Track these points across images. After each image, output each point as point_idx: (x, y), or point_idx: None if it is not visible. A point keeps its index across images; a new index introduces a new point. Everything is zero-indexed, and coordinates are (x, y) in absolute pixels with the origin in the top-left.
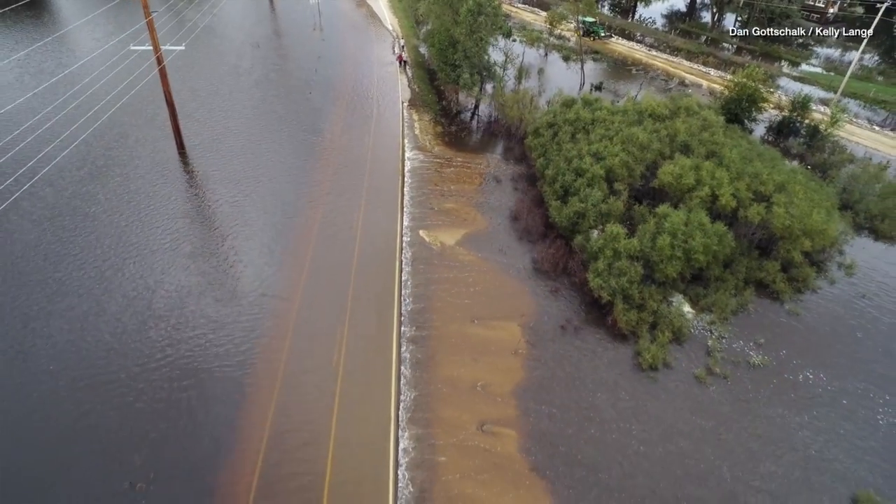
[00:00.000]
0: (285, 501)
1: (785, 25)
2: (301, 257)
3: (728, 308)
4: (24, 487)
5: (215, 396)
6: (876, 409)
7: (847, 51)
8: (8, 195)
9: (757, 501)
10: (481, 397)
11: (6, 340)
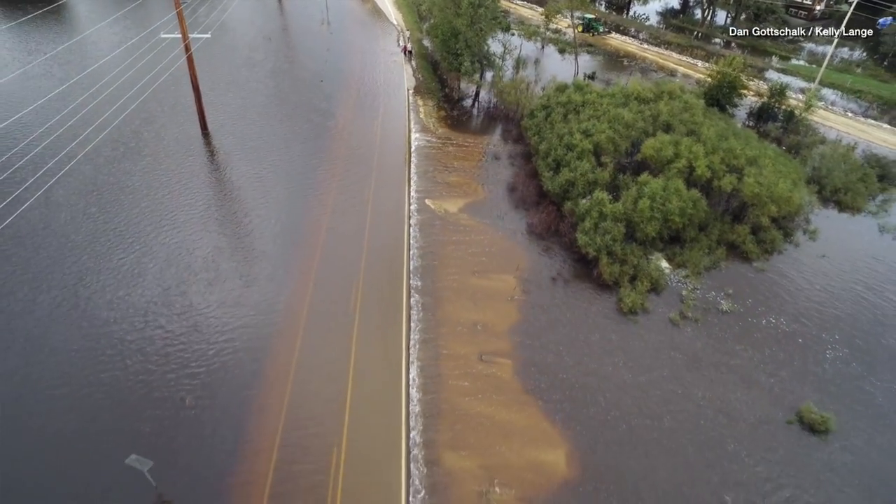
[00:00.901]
0: (312, 408)
1: (770, 22)
2: (319, 222)
3: (701, 264)
4: (87, 389)
5: (254, 324)
6: (825, 346)
7: (834, 46)
8: (54, 173)
9: (724, 417)
10: (481, 334)
11: (65, 294)
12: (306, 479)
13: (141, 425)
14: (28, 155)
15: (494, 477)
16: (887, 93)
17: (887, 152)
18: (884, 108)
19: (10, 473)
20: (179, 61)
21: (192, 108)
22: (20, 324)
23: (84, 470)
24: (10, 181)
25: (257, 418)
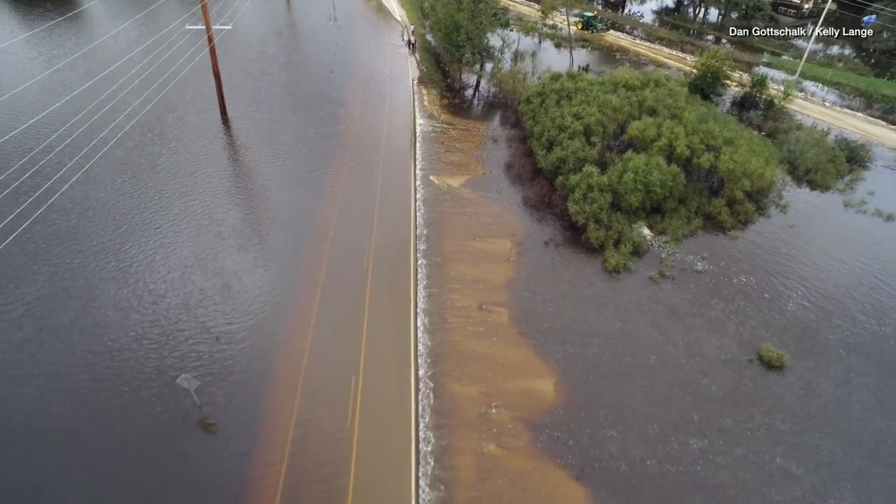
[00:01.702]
0: (332, 348)
1: (758, 19)
2: (334, 195)
3: (680, 232)
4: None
5: (279, 281)
6: (789, 300)
7: (819, 43)
8: (91, 155)
9: (698, 357)
10: (480, 288)
11: (110, 258)
12: (328, 403)
13: (184, 357)
14: (67, 140)
15: (492, 401)
16: (864, 84)
17: (857, 137)
18: (862, 99)
19: (77, 375)
20: (201, 53)
21: (210, 97)
22: (73, 283)
23: (136, 385)
24: (52, 163)
25: (283, 355)
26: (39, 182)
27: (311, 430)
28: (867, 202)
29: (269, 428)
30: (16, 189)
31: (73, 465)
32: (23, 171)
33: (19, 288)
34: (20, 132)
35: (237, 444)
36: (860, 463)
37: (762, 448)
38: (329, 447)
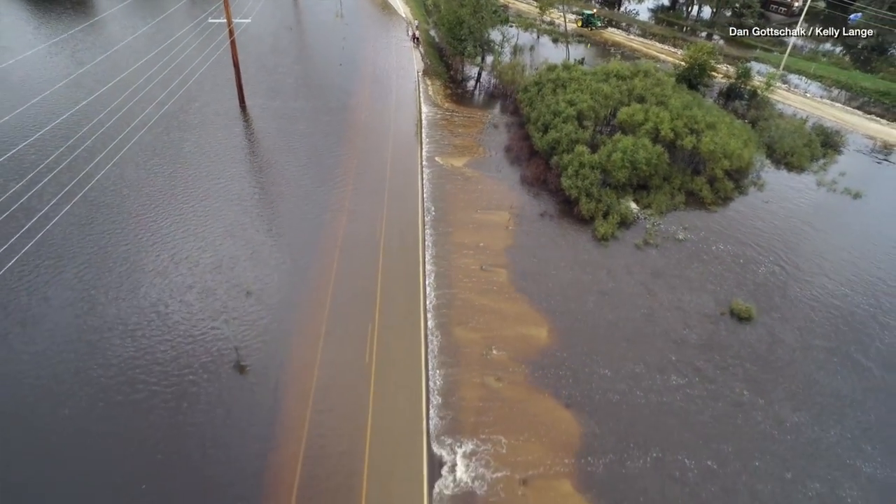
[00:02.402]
0: (350, 300)
1: (747, 16)
2: (347, 174)
3: (664, 206)
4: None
5: (301, 246)
6: (760, 265)
7: (811, 40)
8: (127, 140)
9: (678, 311)
10: (482, 252)
11: (149, 232)
12: (348, 349)
13: (217, 312)
14: (103, 127)
15: (492, 344)
16: (844, 77)
17: (834, 125)
18: (842, 91)
19: (116, 329)
20: (221, 47)
21: (227, 87)
22: (117, 249)
23: (176, 334)
24: (91, 148)
25: (308, 305)
26: (80, 166)
27: (333, 369)
28: (838, 182)
29: (296, 368)
30: (59, 172)
31: (140, 370)
32: (63, 157)
33: (71, 255)
34: (60, 122)
35: (268, 382)
36: (820, 399)
37: (731, 383)
38: (349, 382)
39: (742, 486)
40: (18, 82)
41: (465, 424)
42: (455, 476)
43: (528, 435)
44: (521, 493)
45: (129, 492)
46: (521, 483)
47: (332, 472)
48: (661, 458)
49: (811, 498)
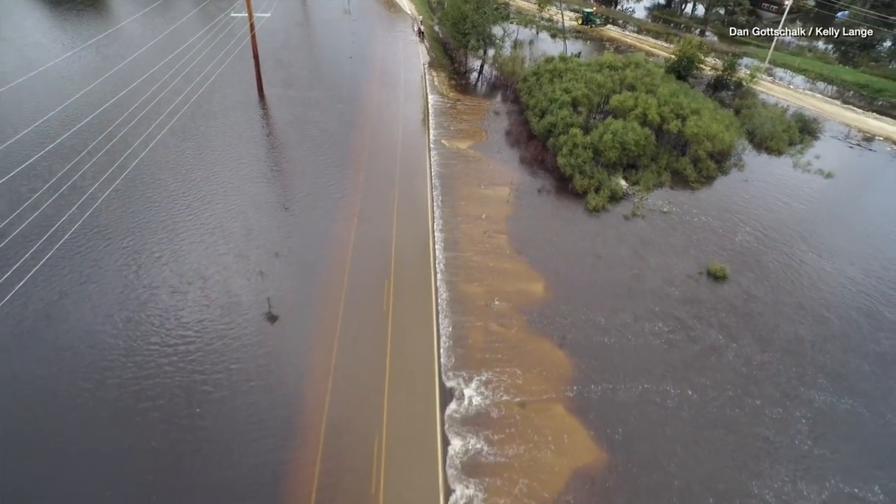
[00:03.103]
0: (368, 261)
1: (738, 14)
2: (360, 155)
3: (651, 183)
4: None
5: (320, 214)
6: (737, 233)
7: (779, 33)
8: (162, 127)
9: (663, 272)
10: (485, 221)
11: (184, 206)
12: (366, 299)
13: (249, 271)
14: (136, 118)
15: (494, 296)
16: (827, 71)
17: (813, 113)
18: (824, 84)
19: (163, 287)
20: (243, 43)
21: (246, 79)
22: (162, 217)
23: (211, 283)
24: (131, 134)
25: (330, 265)
26: (120, 150)
27: (355, 313)
28: (812, 164)
29: (322, 317)
30: (107, 151)
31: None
32: (101, 145)
33: (116, 227)
34: (98, 114)
35: (292, 335)
36: (784, 344)
37: (707, 330)
38: (369, 325)
39: (715, 410)
40: (59, 80)
41: (471, 361)
42: (463, 401)
43: (526, 369)
44: (519, 415)
45: (187, 411)
46: (519, 406)
47: (356, 397)
48: (643, 388)
49: (774, 419)
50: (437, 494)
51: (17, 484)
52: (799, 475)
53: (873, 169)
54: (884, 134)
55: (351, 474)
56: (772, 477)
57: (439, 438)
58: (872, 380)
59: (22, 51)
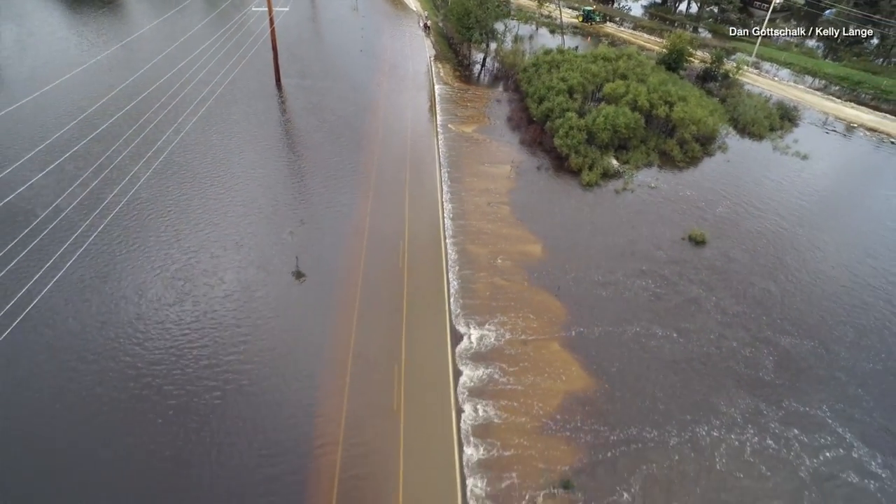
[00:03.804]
0: (385, 225)
1: (729, 11)
2: (374, 137)
3: (640, 162)
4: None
5: (338, 186)
6: (717, 205)
7: (763, 27)
8: (193, 115)
9: (651, 237)
10: (488, 193)
11: (215, 183)
12: (384, 260)
13: (279, 238)
14: (166, 109)
15: (498, 256)
16: (810, 65)
17: (794, 102)
18: (807, 77)
19: (204, 254)
20: (262, 39)
21: (263, 70)
22: (196, 192)
23: (243, 246)
24: (164, 121)
25: (350, 230)
26: (157, 136)
27: (374, 273)
28: (790, 147)
29: (345, 271)
30: (144, 138)
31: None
32: (137, 133)
33: (163, 198)
34: (139, 101)
35: (320, 286)
36: (757, 297)
37: (689, 286)
38: (387, 280)
39: (695, 349)
40: (97, 77)
41: (478, 308)
42: (471, 341)
43: (526, 315)
44: (520, 351)
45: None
46: (521, 343)
47: (378, 336)
48: (630, 331)
49: (744, 356)
50: (449, 413)
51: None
52: (761, 398)
53: (846, 151)
54: (858, 121)
55: (376, 394)
56: (739, 399)
57: (451, 370)
58: (830, 326)
59: (60, 49)
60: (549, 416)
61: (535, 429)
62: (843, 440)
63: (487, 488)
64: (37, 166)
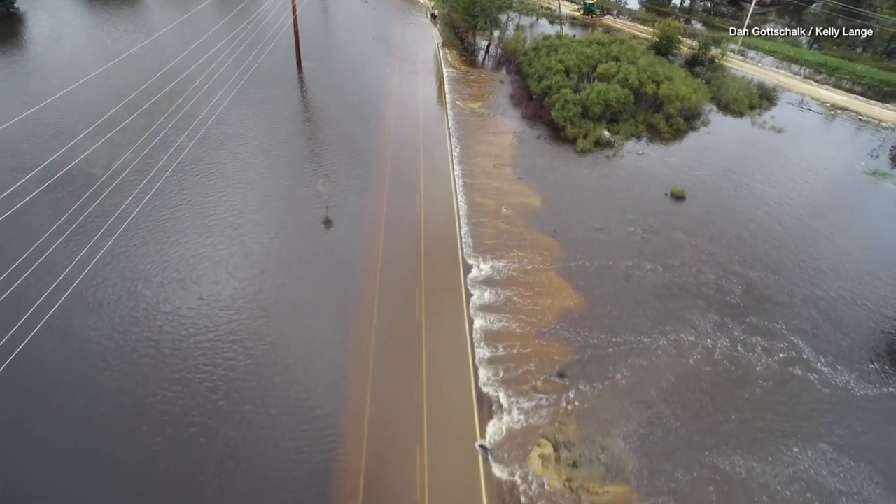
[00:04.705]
0: (402, 177)
1: (721, 5)
2: (389, 112)
3: (630, 133)
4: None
5: (357, 158)
6: (698, 169)
7: (748, 19)
8: (226, 95)
9: (638, 193)
10: (493, 157)
11: (251, 150)
12: (403, 205)
13: (309, 193)
14: (201, 90)
15: (502, 206)
16: (793, 53)
17: (773, 84)
18: (790, 63)
19: (244, 213)
20: (283, 30)
21: (285, 56)
22: (235, 157)
23: (278, 201)
24: (200, 100)
25: (373, 184)
26: (196, 112)
27: (395, 219)
28: (767, 122)
29: (369, 215)
30: (185, 114)
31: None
32: (181, 108)
33: (206, 164)
34: (176, 83)
35: (347, 233)
36: (730, 239)
37: (672, 231)
38: (406, 223)
39: (675, 279)
40: (135, 64)
41: (486, 246)
42: (480, 270)
43: (526, 251)
44: (521, 277)
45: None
46: (522, 272)
47: (400, 265)
48: (618, 266)
49: (718, 285)
50: (463, 323)
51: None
52: (728, 316)
53: (817, 126)
54: (831, 101)
55: (401, 309)
56: (711, 315)
57: (464, 291)
58: (793, 264)
59: (96, 37)
60: (546, 326)
61: (533, 334)
62: (796, 346)
63: (496, 377)
64: (91, 139)
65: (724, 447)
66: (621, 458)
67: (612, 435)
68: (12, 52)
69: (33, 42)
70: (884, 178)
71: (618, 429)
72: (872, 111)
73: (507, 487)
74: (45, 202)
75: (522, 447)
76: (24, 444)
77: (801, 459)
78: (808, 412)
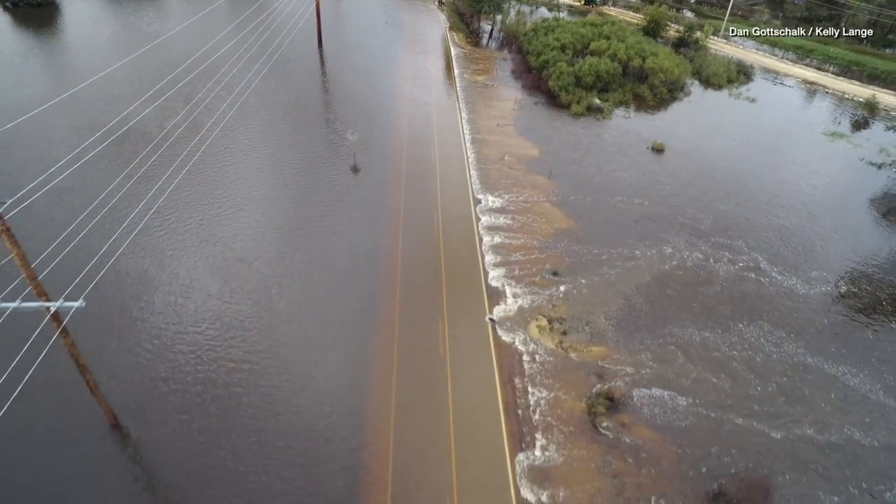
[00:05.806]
0: (420, 144)
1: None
2: (403, 85)
3: (618, 100)
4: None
5: (375, 136)
6: (681, 126)
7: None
8: (257, 74)
9: (625, 149)
10: (497, 118)
11: (282, 117)
12: (421, 154)
13: (340, 147)
14: (239, 64)
15: (505, 154)
16: (773, 38)
17: (751, 63)
18: (769, 45)
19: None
20: (305, 18)
21: (306, 42)
22: (269, 121)
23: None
24: (236, 76)
25: (392, 140)
26: (232, 86)
27: (414, 165)
28: (743, 94)
29: (391, 164)
30: (226, 84)
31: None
32: (211, 90)
33: (246, 128)
34: (212, 60)
35: (376, 172)
36: (710, 184)
37: (654, 174)
38: (423, 170)
39: (653, 210)
40: (177, 46)
41: (492, 185)
42: (487, 202)
43: (526, 189)
44: (521, 207)
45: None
46: (522, 202)
47: (419, 203)
48: (604, 199)
49: (691, 215)
50: (474, 240)
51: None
52: (698, 237)
53: (787, 98)
54: (801, 77)
55: (422, 232)
56: (683, 235)
57: (473, 216)
58: (758, 200)
59: (130, 24)
60: (542, 240)
61: (532, 247)
62: (754, 259)
63: (502, 277)
64: (142, 106)
65: (687, 324)
66: (603, 329)
67: (596, 314)
68: (58, 34)
69: (74, 25)
70: (840, 138)
71: (600, 310)
72: (839, 86)
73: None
74: (110, 155)
75: (524, 321)
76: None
77: (745, 331)
78: (755, 303)
